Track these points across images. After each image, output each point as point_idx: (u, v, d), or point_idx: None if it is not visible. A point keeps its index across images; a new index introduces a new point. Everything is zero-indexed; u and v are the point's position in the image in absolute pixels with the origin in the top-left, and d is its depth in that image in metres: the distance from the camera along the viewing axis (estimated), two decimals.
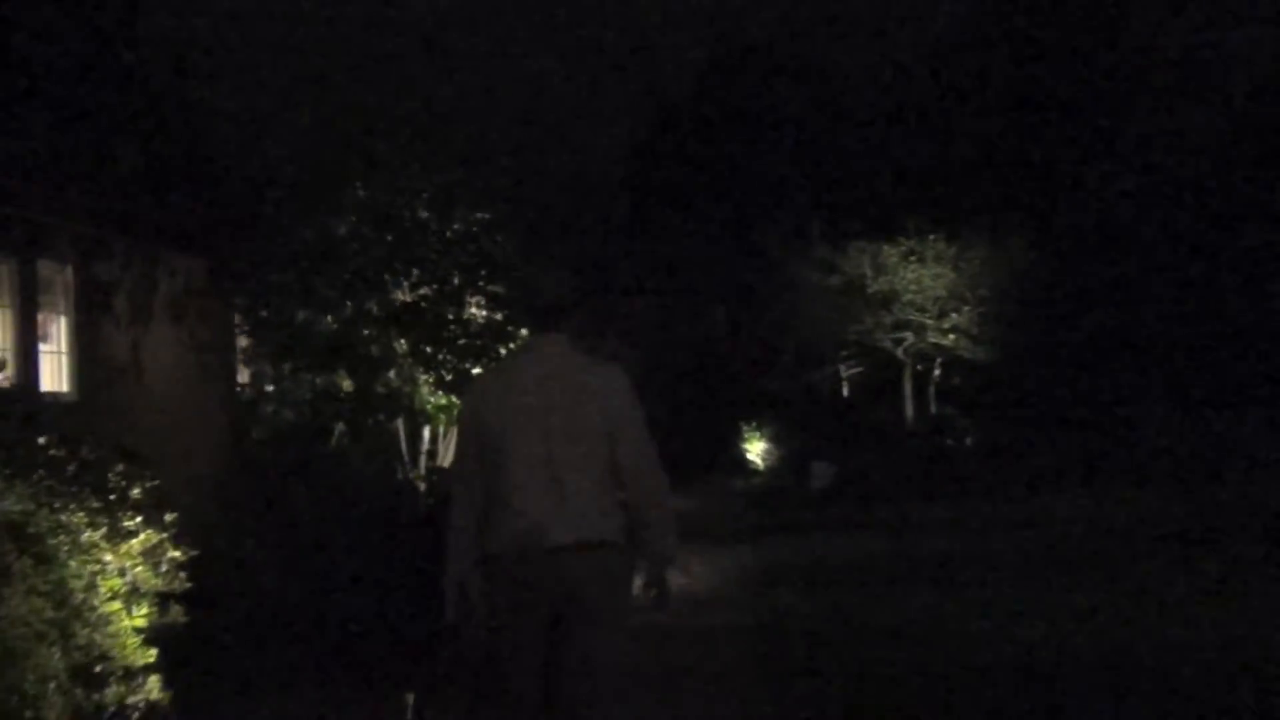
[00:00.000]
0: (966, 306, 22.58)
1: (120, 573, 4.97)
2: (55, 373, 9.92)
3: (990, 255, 22.42)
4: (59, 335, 10.02)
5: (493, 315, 10.37)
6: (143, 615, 4.96)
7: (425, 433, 10.66)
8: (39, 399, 8.78)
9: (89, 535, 4.86)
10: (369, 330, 10.18)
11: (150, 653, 4.95)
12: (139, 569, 5.05)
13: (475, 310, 10.50)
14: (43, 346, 9.78)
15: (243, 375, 11.89)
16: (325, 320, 10.10)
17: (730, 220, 28.90)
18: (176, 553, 5.26)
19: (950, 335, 22.65)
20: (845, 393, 25.50)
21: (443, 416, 10.23)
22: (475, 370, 9.91)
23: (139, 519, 5.15)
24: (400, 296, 10.35)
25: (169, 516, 5.31)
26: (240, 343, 11.69)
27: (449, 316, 10.36)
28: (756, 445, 24.79)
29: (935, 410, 23.95)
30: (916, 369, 23.53)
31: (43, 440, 5.03)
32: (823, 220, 23.76)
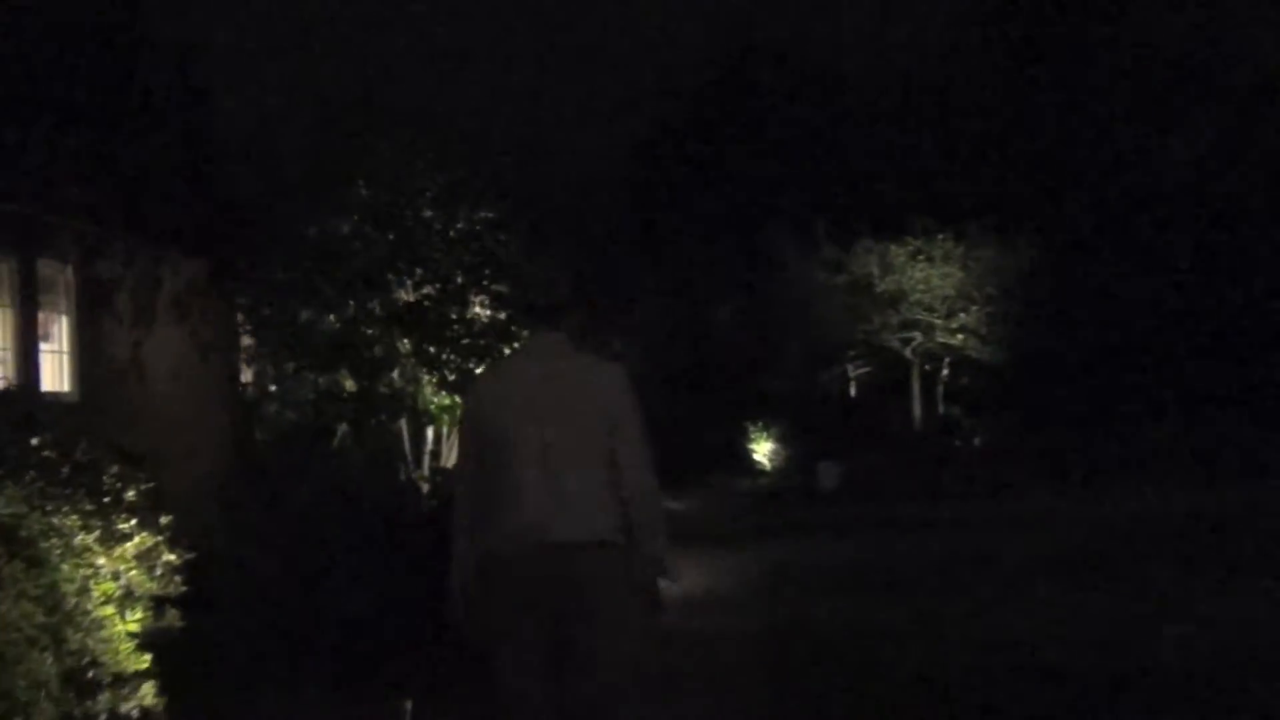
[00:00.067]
0: (974, 306, 22.46)
1: (114, 576, 4.89)
2: (56, 372, 9.87)
3: (998, 254, 22.30)
4: (60, 335, 9.98)
5: (496, 315, 10.31)
6: (136, 620, 4.88)
7: (429, 433, 10.60)
8: (38, 398, 8.72)
9: (82, 538, 4.78)
10: (372, 330, 10.13)
11: (144, 658, 4.87)
12: (133, 572, 4.98)
13: (479, 310, 10.45)
14: (44, 346, 9.73)
15: (246, 375, 11.84)
16: (328, 320, 10.05)
17: (736, 219, 28.79)
18: (172, 556, 5.19)
19: (958, 335, 22.53)
20: (853, 393, 25.39)
21: (446, 417, 10.17)
22: (479, 370, 9.85)
23: (134, 521, 5.07)
24: (403, 296, 10.29)
25: (164, 519, 5.23)
26: (244, 342, 11.64)
27: (452, 316, 10.31)
28: (763, 446, 24.70)
29: (943, 410, 23.85)
30: (924, 369, 23.42)
31: (35, 441, 4.95)
32: (830, 219, 23.63)
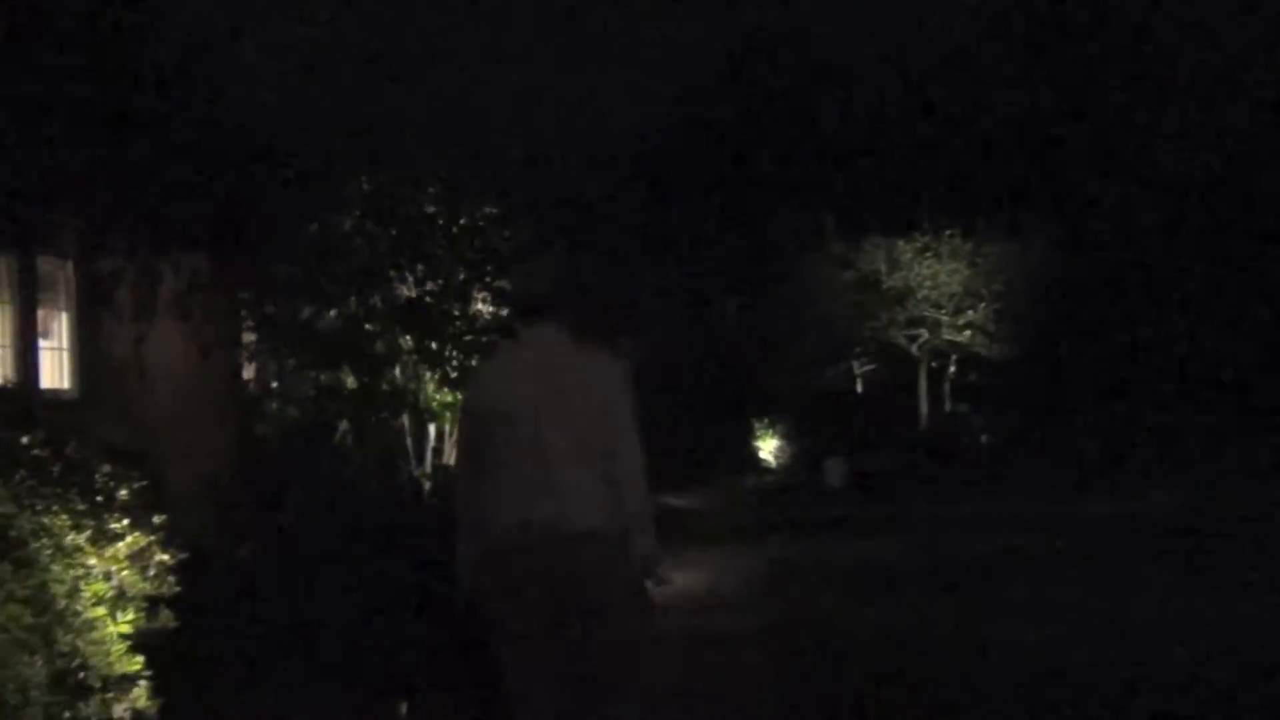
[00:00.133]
0: (982, 303, 22.36)
1: (105, 577, 4.83)
2: (56, 369, 9.80)
3: (1006, 251, 22.18)
4: (60, 331, 9.90)
5: (499, 311, 10.20)
6: (129, 621, 4.81)
7: (431, 430, 10.51)
8: (37, 396, 8.66)
9: (73, 538, 4.71)
10: (373, 326, 10.05)
11: (137, 660, 4.80)
12: (125, 573, 4.91)
13: (481, 306, 10.35)
14: (43, 343, 9.65)
15: (249, 372, 11.77)
16: (329, 316, 9.97)
17: (744, 214, 28.69)
18: (165, 556, 5.12)
19: (966, 332, 22.43)
20: (859, 390, 25.28)
21: (448, 414, 10.08)
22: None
23: (126, 521, 5.00)
24: (405, 292, 10.20)
25: (157, 518, 5.16)
26: (246, 339, 11.56)
27: (454, 312, 10.21)
28: (769, 443, 24.60)
29: (950, 408, 23.74)
30: (931, 366, 23.32)
31: (26, 439, 4.88)
32: (837, 215, 23.54)
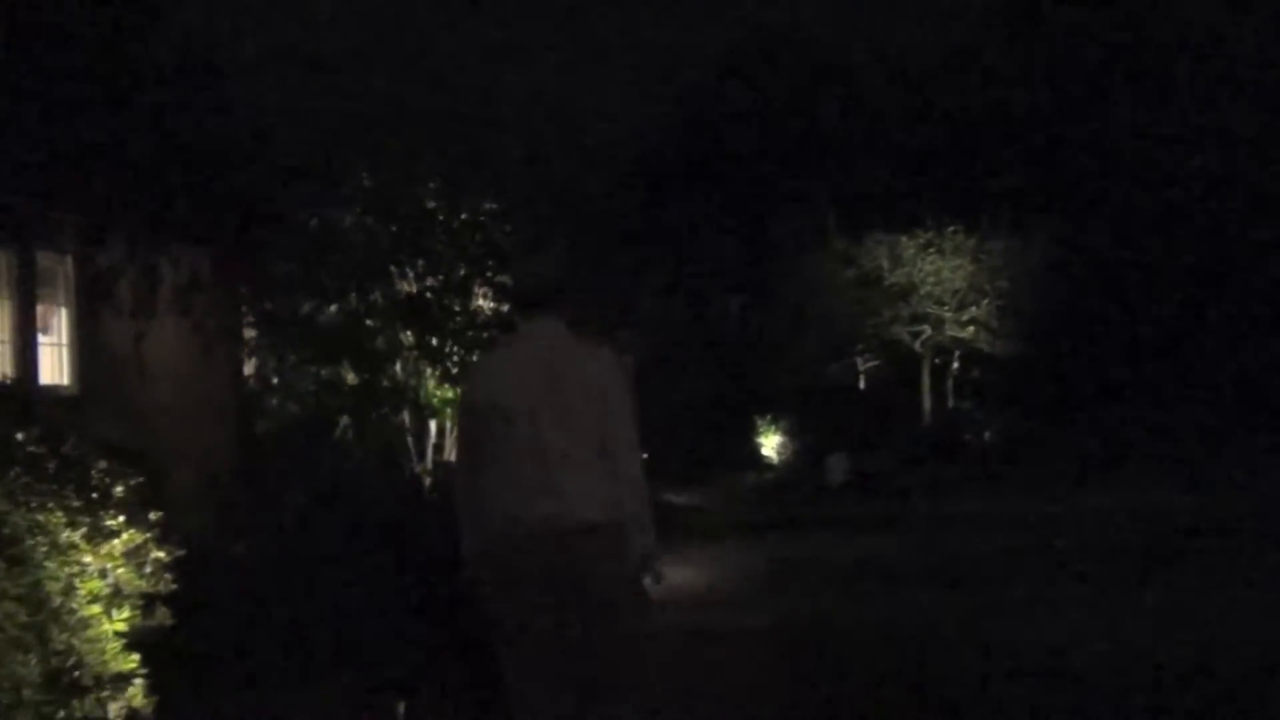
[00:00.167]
0: (985, 299, 22.30)
1: (101, 574, 4.77)
2: (55, 365, 9.77)
3: (1010, 247, 22.11)
4: (59, 327, 9.87)
5: (500, 307, 10.16)
6: (124, 619, 4.76)
7: (432, 426, 10.46)
8: (36, 392, 8.63)
9: (67, 535, 4.66)
10: (374, 322, 10.00)
11: (133, 658, 4.75)
12: (121, 570, 4.86)
13: (482, 302, 10.30)
14: (42, 338, 9.63)
15: (249, 368, 11.72)
16: (329, 311, 9.92)
17: (746, 211, 28.64)
18: (161, 553, 5.07)
19: (969, 328, 22.37)
20: (861, 386, 25.22)
21: (449, 410, 10.03)
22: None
23: (122, 518, 4.95)
24: (406, 287, 10.15)
25: (154, 515, 5.11)
26: (246, 335, 11.52)
27: (455, 308, 10.16)
28: (771, 439, 24.56)
29: (953, 404, 23.69)
30: (934, 362, 23.27)
31: (21, 435, 4.84)
32: (840, 211, 23.48)
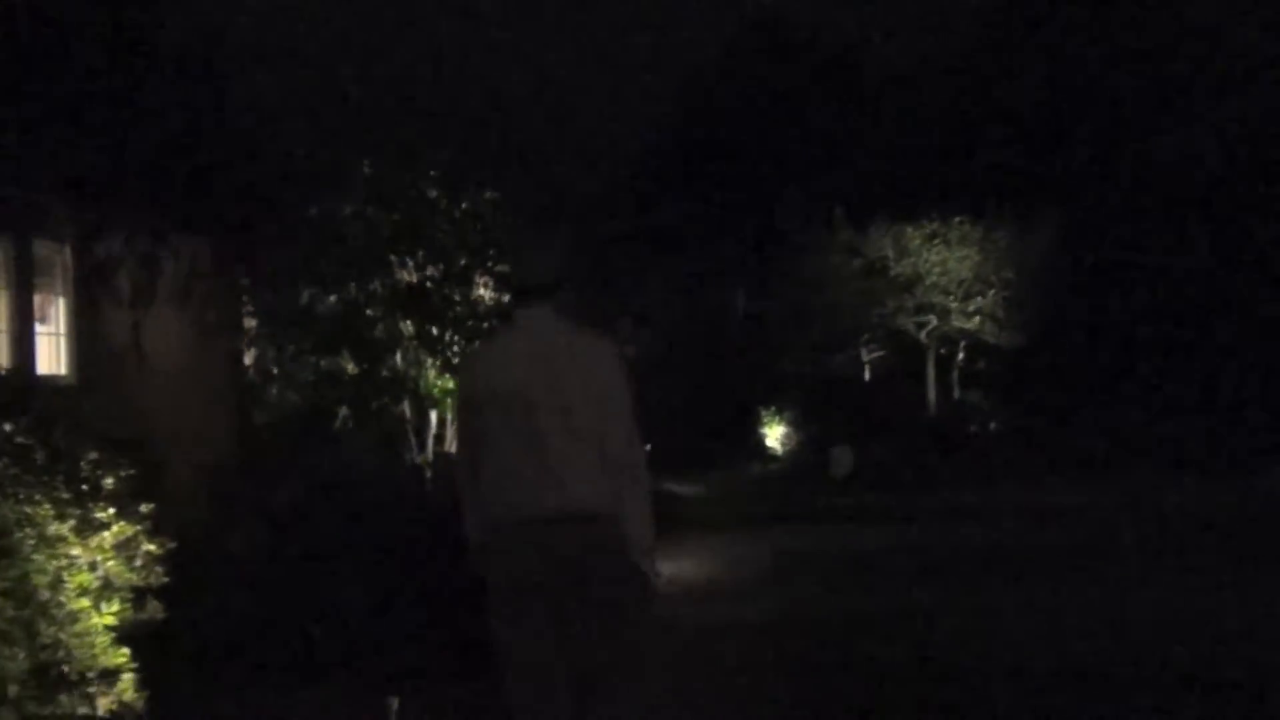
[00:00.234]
0: (991, 289, 22.17)
1: (90, 567, 4.72)
2: (53, 355, 9.71)
3: (1016, 237, 21.98)
4: (57, 317, 9.81)
5: (500, 297, 10.07)
6: (113, 613, 4.71)
7: (432, 416, 10.39)
8: (33, 382, 8.56)
9: (56, 528, 4.60)
10: (374, 311, 9.92)
11: (122, 652, 4.70)
12: (111, 563, 4.80)
13: (483, 291, 10.22)
14: (40, 328, 9.57)
15: (248, 358, 11.66)
16: (328, 301, 9.85)
17: (751, 201, 28.52)
18: (153, 546, 5.01)
19: (974, 319, 22.25)
20: (866, 377, 25.12)
21: (449, 400, 9.96)
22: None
23: (112, 510, 4.89)
24: (406, 277, 10.07)
25: (145, 507, 5.05)
26: (247, 325, 11.45)
27: (456, 298, 10.08)
28: (775, 430, 24.47)
29: (958, 395, 23.58)
30: (939, 353, 23.15)
31: (9, 426, 4.77)
32: (846, 202, 23.34)
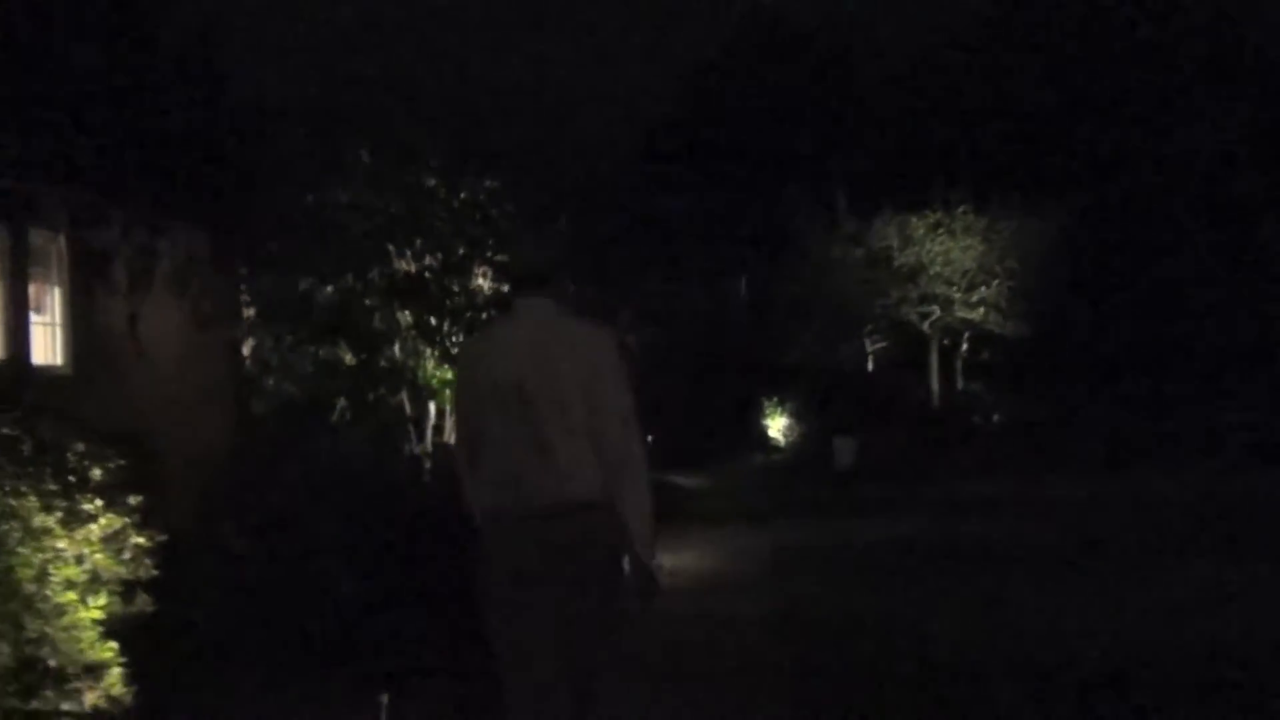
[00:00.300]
0: (995, 280, 22.08)
1: (77, 560, 4.64)
2: (48, 345, 9.63)
3: (1020, 227, 21.87)
4: (52, 306, 9.73)
5: (499, 287, 9.99)
6: (100, 606, 4.63)
7: (431, 407, 10.32)
8: (28, 372, 8.49)
9: (41, 520, 4.53)
10: (371, 301, 9.85)
11: (110, 646, 4.63)
12: (98, 556, 4.73)
13: (482, 281, 10.14)
14: (35, 318, 9.48)
15: (245, 348, 11.59)
16: (325, 291, 9.77)
17: (754, 192, 28.41)
18: (141, 538, 4.93)
19: (979, 309, 22.16)
20: (870, 368, 25.03)
21: (447, 391, 9.89)
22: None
23: (100, 502, 4.82)
24: (404, 267, 10.00)
25: (134, 499, 4.97)
26: (244, 314, 11.38)
27: (454, 288, 10.01)
28: (778, 421, 24.40)
29: (962, 386, 23.50)
30: (943, 344, 23.06)
31: None
32: (849, 191, 23.23)
